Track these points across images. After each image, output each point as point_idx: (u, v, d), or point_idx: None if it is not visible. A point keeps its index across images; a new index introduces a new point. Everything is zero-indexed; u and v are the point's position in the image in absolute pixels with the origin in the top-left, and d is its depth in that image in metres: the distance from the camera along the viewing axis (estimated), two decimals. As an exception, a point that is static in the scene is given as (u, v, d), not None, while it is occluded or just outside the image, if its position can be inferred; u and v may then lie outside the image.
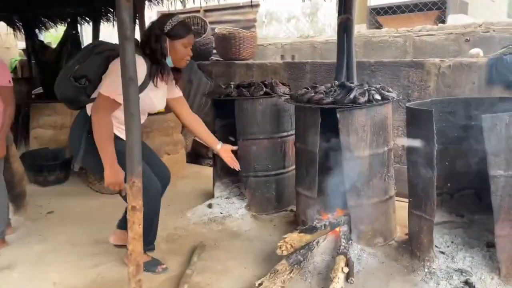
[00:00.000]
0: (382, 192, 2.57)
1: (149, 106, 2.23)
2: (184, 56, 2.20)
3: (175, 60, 2.19)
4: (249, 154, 3.13)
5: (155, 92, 2.21)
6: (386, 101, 2.50)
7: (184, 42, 2.16)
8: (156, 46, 2.12)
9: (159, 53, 2.13)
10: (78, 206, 3.60)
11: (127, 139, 1.82)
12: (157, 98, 2.25)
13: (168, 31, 2.12)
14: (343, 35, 3.27)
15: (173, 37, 2.13)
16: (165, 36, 2.12)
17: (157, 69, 2.15)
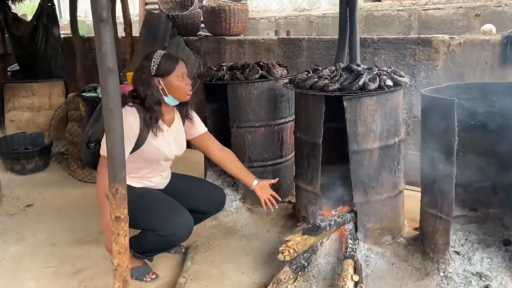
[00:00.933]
0: (391, 187, 2.35)
1: (161, 155, 2.07)
2: (183, 88, 2.03)
3: (177, 96, 2.04)
4: (243, 143, 2.88)
5: (161, 140, 2.04)
6: (399, 87, 2.25)
7: (176, 74, 2.00)
8: (146, 92, 1.96)
9: (151, 98, 1.96)
10: (59, 197, 3.34)
11: (106, 140, 1.56)
12: (165, 145, 2.06)
13: (156, 71, 1.97)
14: (346, 10, 2.98)
15: (164, 75, 1.98)
16: (155, 78, 1.98)
17: (151, 117, 1.96)
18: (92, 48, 5.73)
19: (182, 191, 2.21)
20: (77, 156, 3.65)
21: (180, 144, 2.17)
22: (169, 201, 2.07)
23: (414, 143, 3.41)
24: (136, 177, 2.07)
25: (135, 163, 2.01)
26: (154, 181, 2.14)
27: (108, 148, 1.57)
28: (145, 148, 1.98)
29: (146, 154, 2.01)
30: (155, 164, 2.10)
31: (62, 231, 2.75)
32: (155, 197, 2.07)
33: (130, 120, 1.90)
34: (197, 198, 2.23)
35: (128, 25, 4.64)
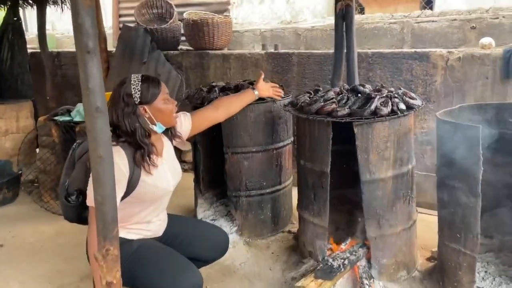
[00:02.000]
0: (406, 218, 2.18)
1: (160, 192, 1.78)
2: (171, 111, 1.78)
3: (165, 121, 1.78)
4: (239, 170, 2.64)
5: (156, 175, 1.74)
6: (412, 111, 2.08)
7: (162, 97, 1.74)
8: (134, 125, 1.67)
9: (141, 133, 1.68)
10: (32, 235, 3.00)
11: (95, 192, 1.31)
12: (162, 179, 1.78)
13: (140, 98, 1.69)
14: (342, 25, 2.81)
15: (150, 101, 1.71)
16: (141, 106, 1.70)
17: (142, 156, 1.68)
18: (62, 63, 5.37)
19: (180, 237, 1.93)
20: (49, 187, 3.32)
21: (176, 171, 1.89)
22: (173, 256, 1.78)
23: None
24: (131, 227, 1.78)
25: (131, 208, 1.73)
26: (151, 228, 1.84)
27: (97, 202, 1.31)
28: (140, 190, 1.69)
29: (143, 195, 1.72)
30: (155, 203, 1.81)
31: (37, 278, 2.43)
32: (156, 251, 1.78)
33: (117, 161, 1.54)
34: (198, 245, 1.95)
35: (102, 39, 4.33)
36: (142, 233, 1.81)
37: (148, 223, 1.82)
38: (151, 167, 1.70)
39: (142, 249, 1.75)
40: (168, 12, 4.66)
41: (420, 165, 3.23)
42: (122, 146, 1.65)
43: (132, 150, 1.67)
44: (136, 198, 1.70)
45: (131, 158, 1.65)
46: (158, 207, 1.84)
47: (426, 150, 3.21)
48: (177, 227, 1.96)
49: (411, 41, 3.54)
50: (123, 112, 1.67)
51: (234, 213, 2.72)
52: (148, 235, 1.84)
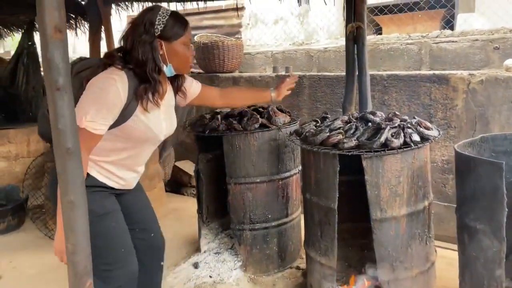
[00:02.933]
0: (423, 260, 1.97)
1: (149, 134, 1.61)
2: (188, 58, 1.64)
3: (179, 66, 1.63)
4: (243, 202, 2.49)
5: (152, 116, 1.58)
6: (427, 143, 1.89)
7: (184, 40, 1.59)
8: (147, 55, 1.53)
9: (152, 67, 1.53)
10: (33, 266, 2.90)
11: (66, 242, 1.19)
12: (156, 122, 1.61)
13: (161, 32, 1.54)
14: (353, 47, 2.67)
15: (170, 38, 1.56)
16: (159, 41, 1.55)
17: (146, 90, 1.53)
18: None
19: (129, 216, 1.74)
20: (54, 213, 3.23)
21: (171, 122, 1.73)
22: (126, 241, 1.67)
23: (432, 190, 3.05)
24: (105, 166, 1.60)
25: (113, 142, 1.56)
26: (125, 177, 1.67)
27: (68, 251, 1.20)
28: (130, 124, 1.53)
29: (131, 131, 1.55)
30: (139, 147, 1.64)
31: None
32: (116, 231, 1.65)
33: (118, 85, 1.46)
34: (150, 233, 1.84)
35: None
36: (113, 179, 1.64)
37: (123, 169, 1.65)
38: (150, 104, 1.55)
39: (107, 219, 1.62)
40: (180, 35, 4.61)
41: (441, 195, 3.01)
42: (127, 73, 1.51)
43: (136, 81, 1.52)
44: (124, 131, 1.55)
45: (132, 87, 1.51)
46: (140, 154, 1.67)
47: (448, 179, 2.99)
48: (138, 206, 1.82)
49: (429, 62, 3.35)
50: (140, 39, 1.53)
51: (237, 247, 2.56)
52: (119, 185, 1.67)
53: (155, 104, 1.56)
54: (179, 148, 4.41)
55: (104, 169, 1.60)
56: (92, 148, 1.48)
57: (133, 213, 1.77)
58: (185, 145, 4.44)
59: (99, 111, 1.43)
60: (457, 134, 2.88)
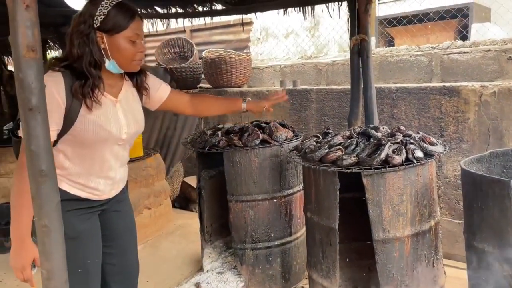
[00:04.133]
0: (430, 283, 1.85)
1: (104, 134, 1.47)
2: (132, 55, 1.47)
3: (122, 62, 1.48)
4: (244, 220, 2.42)
5: (103, 114, 1.46)
6: (431, 159, 1.80)
7: (127, 34, 1.44)
8: (83, 49, 1.41)
9: (89, 60, 1.42)
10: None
11: (41, 267, 1.15)
12: (110, 120, 1.48)
13: (100, 23, 1.42)
14: (358, 60, 2.60)
15: (111, 31, 1.43)
16: (98, 33, 1.43)
17: (81, 87, 1.40)
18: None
19: (107, 239, 1.64)
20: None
21: (135, 120, 1.58)
22: (93, 268, 1.55)
23: (445, 206, 2.92)
24: (75, 176, 1.48)
25: (73, 148, 1.45)
26: (99, 186, 1.53)
27: (43, 277, 1.15)
28: (79, 126, 1.41)
29: (83, 133, 1.43)
30: (100, 149, 1.49)
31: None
32: (85, 257, 1.52)
33: (52, 89, 1.35)
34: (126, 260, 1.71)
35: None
36: (86, 191, 1.52)
37: (93, 178, 1.52)
38: (90, 102, 1.41)
39: (76, 244, 1.48)
40: (189, 51, 4.64)
41: (455, 212, 2.87)
42: (64, 73, 1.40)
43: (73, 79, 1.41)
44: (75, 136, 1.43)
45: (69, 86, 1.39)
46: (105, 157, 1.52)
47: (461, 195, 2.84)
48: (117, 227, 1.68)
49: (440, 74, 3.25)
50: (77, 29, 1.42)
51: (239, 267, 2.48)
52: (95, 196, 1.54)
53: (96, 101, 1.43)
54: (188, 164, 4.39)
55: (74, 182, 1.50)
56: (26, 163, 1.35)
57: (113, 235, 1.66)
58: (194, 161, 4.41)
59: None
60: (470, 148, 2.76)
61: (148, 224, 3.38)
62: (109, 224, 1.64)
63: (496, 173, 1.87)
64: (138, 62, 1.51)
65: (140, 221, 3.25)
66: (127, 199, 1.74)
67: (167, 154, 4.08)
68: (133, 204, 3.26)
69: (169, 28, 4.17)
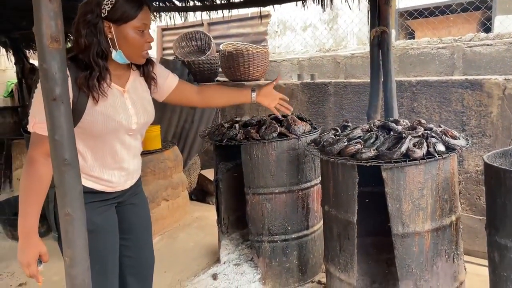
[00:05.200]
0: (450, 279, 1.83)
1: (113, 125, 1.45)
2: (140, 46, 1.45)
3: (129, 53, 1.45)
4: (261, 213, 2.43)
5: (110, 105, 1.44)
6: (452, 153, 1.76)
7: (135, 24, 1.41)
8: (91, 39, 1.38)
9: (97, 51, 1.39)
10: (57, 272, 2.93)
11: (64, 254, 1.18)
12: (119, 111, 1.46)
13: (108, 12, 1.38)
14: (378, 53, 2.56)
15: (119, 21, 1.40)
16: (105, 22, 1.40)
17: (86, 79, 1.38)
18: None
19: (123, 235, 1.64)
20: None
21: (144, 110, 1.55)
22: (109, 262, 1.55)
23: (466, 202, 2.87)
24: (89, 169, 1.48)
25: (84, 141, 1.44)
26: (113, 178, 1.52)
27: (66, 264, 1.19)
28: (88, 118, 1.40)
29: (92, 125, 1.41)
30: (111, 141, 1.48)
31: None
32: (102, 251, 1.52)
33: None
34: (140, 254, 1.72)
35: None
36: (101, 183, 1.51)
37: (107, 170, 1.51)
38: (97, 94, 1.39)
39: (93, 237, 1.38)
40: (207, 44, 4.64)
41: (476, 208, 2.82)
42: (70, 65, 1.33)
43: (79, 70, 1.38)
44: (85, 128, 1.42)
45: (74, 78, 1.36)
46: (117, 148, 1.50)
47: (482, 191, 2.79)
48: (134, 221, 1.69)
49: (462, 67, 3.17)
50: (84, 20, 1.38)
51: (256, 259, 2.49)
52: (110, 188, 1.54)
53: (102, 94, 1.40)
54: (205, 157, 4.41)
55: (88, 175, 1.48)
56: (49, 152, 1.29)
57: (129, 228, 1.67)
58: (211, 154, 4.43)
59: (43, 111, 1.23)
60: (492, 143, 2.70)
61: (166, 216, 3.42)
62: (125, 217, 1.64)
63: (520, 168, 1.82)
64: (146, 54, 1.48)
65: (158, 212, 3.29)
66: (142, 192, 1.74)
67: (184, 147, 4.11)
68: (151, 195, 3.31)
69: (187, 21, 4.18)
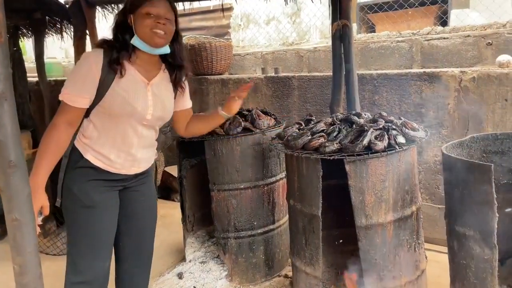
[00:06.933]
0: (412, 268, 1.87)
1: (129, 108, 1.59)
2: (149, 24, 1.58)
3: (143, 36, 1.59)
4: (227, 209, 2.40)
5: (131, 90, 1.60)
6: (413, 144, 1.80)
7: (144, 9, 1.58)
8: (115, 30, 1.64)
9: (116, 36, 1.62)
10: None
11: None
12: (137, 97, 1.60)
13: (128, 6, 1.63)
14: (340, 46, 2.58)
15: (133, 10, 1.61)
16: (128, 15, 1.62)
17: (112, 56, 1.57)
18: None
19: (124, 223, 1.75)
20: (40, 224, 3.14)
21: (163, 106, 1.69)
22: (105, 238, 1.67)
23: (425, 191, 2.96)
24: (99, 145, 1.61)
25: (102, 120, 1.60)
26: (119, 160, 1.63)
27: (15, 273, 1.11)
28: (108, 97, 1.56)
29: (110, 104, 1.57)
30: (124, 124, 1.61)
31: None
32: (99, 227, 1.65)
33: (91, 59, 1.56)
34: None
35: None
36: (106, 162, 1.62)
37: (114, 150, 1.62)
38: (119, 68, 1.56)
39: (91, 213, 1.62)
40: (168, 37, 4.52)
41: (435, 197, 2.91)
42: (106, 49, 1.59)
43: (110, 54, 1.57)
44: (104, 107, 1.58)
45: (106, 61, 1.56)
46: (128, 132, 1.63)
47: (441, 180, 2.88)
48: (138, 209, 1.78)
49: (421, 60, 3.26)
50: (116, 15, 1.66)
51: (222, 256, 2.46)
52: (114, 169, 1.64)
53: (123, 68, 1.57)
54: (169, 153, 4.32)
55: (97, 152, 1.61)
56: (72, 122, 1.56)
57: (131, 215, 1.76)
58: (174, 150, 4.34)
59: (74, 84, 1.54)
60: (450, 134, 2.79)
61: (129, 215, 3.32)
62: (129, 203, 1.74)
63: (476, 157, 1.88)
64: (159, 34, 1.58)
65: (120, 212, 3.19)
66: (150, 183, 1.82)
67: (147, 144, 4.00)
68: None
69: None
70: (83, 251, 1.64)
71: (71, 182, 1.62)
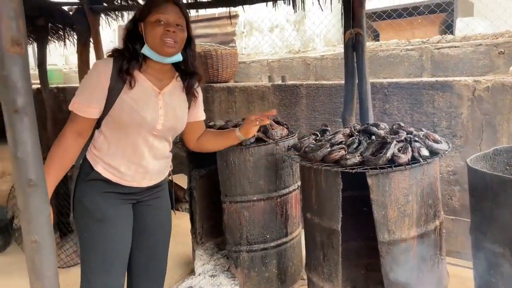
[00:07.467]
0: (435, 285, 1.81)
1: (138, 118, 1.55)
2: (158, 32, 1.53)
3: (153, 44, 1.56)
4: (239, 222, 2.33)
5: (140, 100, 1.56)
6: (436, 157, 1.74)
7: (152, 17, 1.55)
8: (125, 37, 1.62)
9: (126, 44, 1.59)
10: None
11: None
12: (146, 107, 1.56)
13: (138, 15, 1.62)
14: (352, 55, 2.54)
15: (142, 18, 1.58)
16: (139, 23, 1.60)
17: (122, 65, 1.55)
18: (68, 99, 5.24)
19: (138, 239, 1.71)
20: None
21: (175, 116, 1.64)
22: (118, 252, 1.61)
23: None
24: (109, 157, 1.57)
25: (111, 130, 1.57)
26: (129, 172, 1.58)
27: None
28: (117, 106, 1.53)
29: (119, 114, 1.53)
30: (133, 134, 1.57)
31: None
32: (110, 240, 1.60)
33: (100, 69, 1.54)
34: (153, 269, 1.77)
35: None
36: (117, 175, 1.58)
37: (125, 161, 1.58)
38: (129, 78, 1.53)
39: (102, 226, 1.58)
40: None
41: (448, 208, 2.86)
42: (116, 58, 1.56)
43: (120, 63, 1.55)
44: (113, 117, 1.55)
45: (116, 70, 1.53)
46: (138, 143, 1.58)
47: (454, 191, 2.84)
48: (151, 224, 1.74)
49: (431, 68, 3.22)
50: (127, 26, 1.63)
51: (234, 270, 2.39)
52: (125, 181, 1.60)
53: (129, 77, 1.53)
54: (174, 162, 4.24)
55: (107, 164, 1.57)
56: (81, 132, 1.54)
57: (143, 229, 1.71)
58: (180, 159, 4.27)
59: (83, 94, 1.52)
60: (463, 144, 2.75)
61: (134, 226, 3.24)
62: (142, 217, 1.70)
63: (500, 170, 1.84)
64: (169, 43, 1.54)
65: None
66: (165, 197, 1.78)
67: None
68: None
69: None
70: (96, 268, 1.60)
71: (81, 195, 1.58)
